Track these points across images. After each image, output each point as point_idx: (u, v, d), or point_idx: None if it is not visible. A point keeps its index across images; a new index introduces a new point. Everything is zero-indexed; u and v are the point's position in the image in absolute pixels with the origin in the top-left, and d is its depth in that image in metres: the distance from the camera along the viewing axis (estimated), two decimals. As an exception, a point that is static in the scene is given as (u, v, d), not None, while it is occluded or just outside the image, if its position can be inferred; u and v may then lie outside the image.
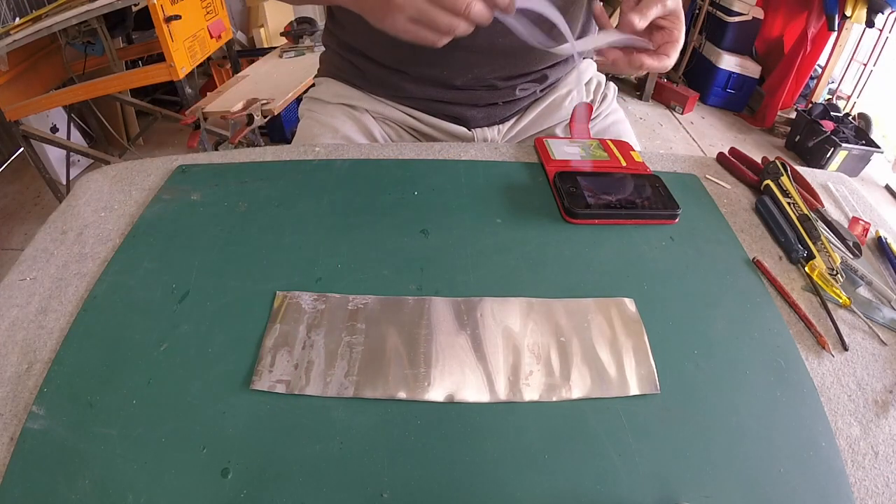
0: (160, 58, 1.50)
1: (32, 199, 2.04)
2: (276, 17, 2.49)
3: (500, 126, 0.70)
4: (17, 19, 1.53)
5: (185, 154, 0.59)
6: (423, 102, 0.66)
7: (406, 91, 0.65)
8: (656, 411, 0.35)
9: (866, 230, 0.52)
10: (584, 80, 0.71)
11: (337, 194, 0.51)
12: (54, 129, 1.98)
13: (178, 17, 1.44)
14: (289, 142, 0.70)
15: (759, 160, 0.60)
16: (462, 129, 0.67)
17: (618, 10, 0.50)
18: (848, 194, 0.58)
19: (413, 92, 0.65)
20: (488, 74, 0.62)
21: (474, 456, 0.32)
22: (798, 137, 2.48)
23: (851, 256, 0.48)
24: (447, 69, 0.61)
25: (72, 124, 1.99)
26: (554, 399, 0.35)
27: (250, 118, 1.45)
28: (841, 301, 0.44)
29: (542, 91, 0.69)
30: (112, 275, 0.42)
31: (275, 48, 1.97)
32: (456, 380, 0.36)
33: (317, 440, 0.32)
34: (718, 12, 2.74)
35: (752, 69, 2.76)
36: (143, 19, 1.66)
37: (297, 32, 2.02)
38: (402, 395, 0.35)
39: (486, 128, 0.68)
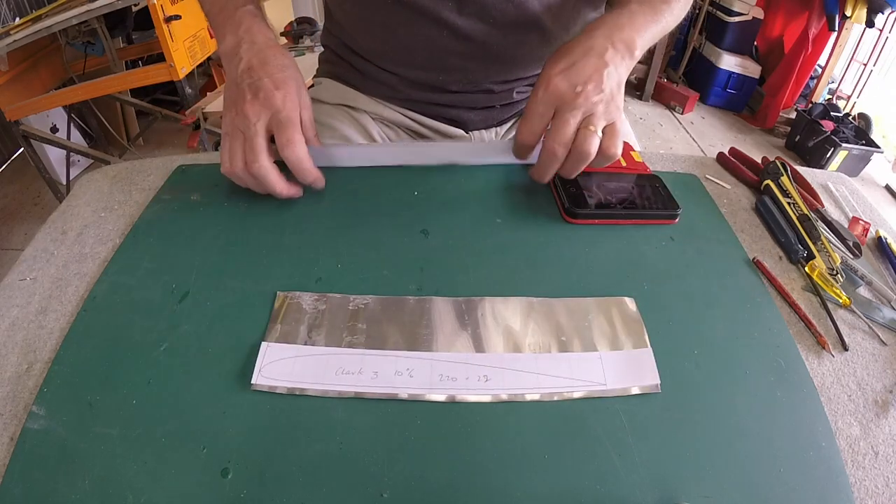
0: (160, 58, 1.50)
1: (32, 199, 2.04)
2: (276, 17, 2.49)
3: (498, 129, 0.69)
4: (17, 19, 1.53)
5: (185, 154, 0.59)
6: (420, 105, 0.66)
7: (403, 93, 0.64)
8: (656, 411, 0.35)
9: (866, 230, 0.52)
10: None
11: (337, 194, 0.51)
12: (54, 129, 1.98)
13: (178, 17, 1.44)
14: (289, 142, 0.70)
15: (759, 160, 0.60)
16: (459, 132, 0.67)
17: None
18: (848, 194, 0.58)
19: (409, 94, 0.64)
20: (484, 79, 0.62)
21: (474, 456, 0.32)
22: (798, 137, 2.48)
23: (851, 256, 0.48)
24: (442, 74, 0.61)
25: (72, 124, 1.99)
26: (554, 399, 0.35)
27: (250, 118, 1.44)
28: (841, 301, 0.44)
29: None
30: (112, 275, 0.42)
31: (275, 48, 1.96)
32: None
33: (317, 440, 0.32)
34: (718, 12, 2.74)
35: (753, 69, 2.77)
36: (143, 19, 1.66)
37: (297, 32, 2.02)
38: (402, 395, 0.35)
39: (483, 130, 0.68)
